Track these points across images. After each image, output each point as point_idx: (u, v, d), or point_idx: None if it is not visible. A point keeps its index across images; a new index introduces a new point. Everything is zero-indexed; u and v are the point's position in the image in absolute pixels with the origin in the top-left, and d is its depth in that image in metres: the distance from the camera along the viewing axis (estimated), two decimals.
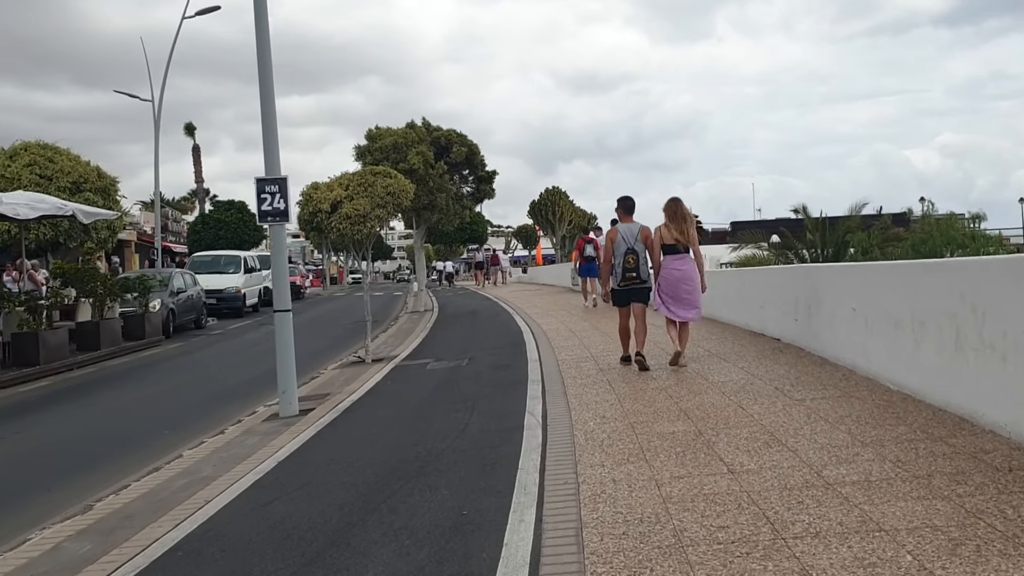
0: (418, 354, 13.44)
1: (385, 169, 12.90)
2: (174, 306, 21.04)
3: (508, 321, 18.18)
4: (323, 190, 12.35)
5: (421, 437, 6.99)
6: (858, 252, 19.04)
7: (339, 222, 12.21)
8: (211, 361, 16.24)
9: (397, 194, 12.48)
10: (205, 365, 15.65)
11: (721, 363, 9.38)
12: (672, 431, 6.28)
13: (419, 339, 16.09)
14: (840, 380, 7.75)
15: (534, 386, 8.93)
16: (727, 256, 33.74)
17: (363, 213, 12.17)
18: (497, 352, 12.64)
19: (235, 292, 26.93)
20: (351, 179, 12.49)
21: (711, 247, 51.21)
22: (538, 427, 6.88)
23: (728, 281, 14.06)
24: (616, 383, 8.64)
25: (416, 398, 9.20)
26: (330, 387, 10.75)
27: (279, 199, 8.81)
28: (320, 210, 12.25)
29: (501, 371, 10.49)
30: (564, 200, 53.71)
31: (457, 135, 25.78)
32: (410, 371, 11.44)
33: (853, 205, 21.03)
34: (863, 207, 20.98)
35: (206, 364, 15.81)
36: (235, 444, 7.66)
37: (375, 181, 12.43)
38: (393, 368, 11.82)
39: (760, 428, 6.15)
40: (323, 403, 9.29)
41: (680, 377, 8.68)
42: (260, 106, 8.93)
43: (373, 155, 24.68)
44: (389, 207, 12.47)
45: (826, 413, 6.45)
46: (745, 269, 12.89)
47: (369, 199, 12.26)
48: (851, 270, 8.58)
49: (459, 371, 10.93)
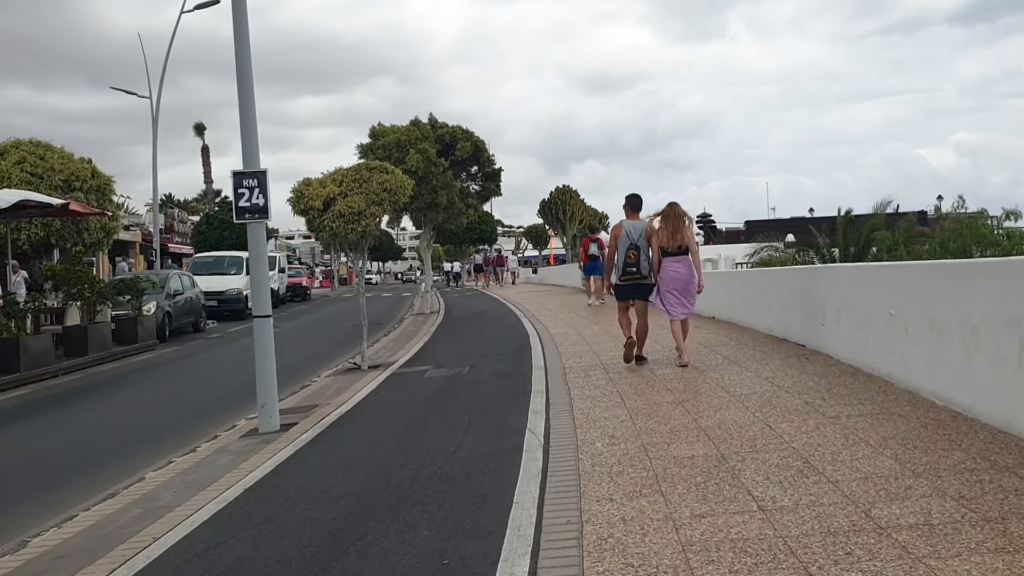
0: (418, 360, 12.68)
1: (382, 164, 12.14)
2: (171, 309, 20.36)
3: (515, 324, 17.42)
4: (315, 186, 11.61)
5: (408, 459, 6.23)
6: (882, 251, 18.19)
7: (332, 220, 11.47)
8: (203, 367, 15.54)
9: (394, 190, 11.72)
10: (196, 371, 14.94)
11: (742, 372, 8.58)
12: (691, 455, 5.50)
13: (421, 343, 15.33)
14: (877, 393, 6.95)
15: (537, 398, 8.16)
16: (744, 256, 32.85)
17: (357, 211, 11.42)
18: (501, 358, 11.87)
19: (236, 294, 26.24)
20: (345, 175, 11.74)
21: (725, 247, 50.09)
22: (539, 448, 6.11)
23: (747, 282, 13.25)
24: (628, 395, 7.86)
25: (408, 411, 8.44)
26: (319, 397, 10.00)
27: (258, 195, 8.08)
28: (312, 208, 11.51)
29: (503, 380, 9.72)
30: (575, 199, 52.84)
31: (463, 131, 25.00)
32: (406, 379, 10.68)
33: (878, 203, 20.18)
34: (887, 205, 20.11)
35: (197, 370, 15.11)
36: (204, 465, 6.92)
37: (371, 177, 11.68)
38: (389, 376, 11.07)
39: (792, 452, 5.36)
40: (308, 417, 8.55)
41: (698, 389, 7.89)
42: (237, 91, 8.20)
43: (376, 153, 23.92)
44: (385, 204, 11.71)
45: (866, 433, 5.65)
46: (766, 270, 12.09)
47: (364, 196, 11.51)
48: (886, 271, 7.78)
49: (458, 380, 10.16)
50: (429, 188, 23.67)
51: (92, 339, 15.57)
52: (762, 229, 68.39)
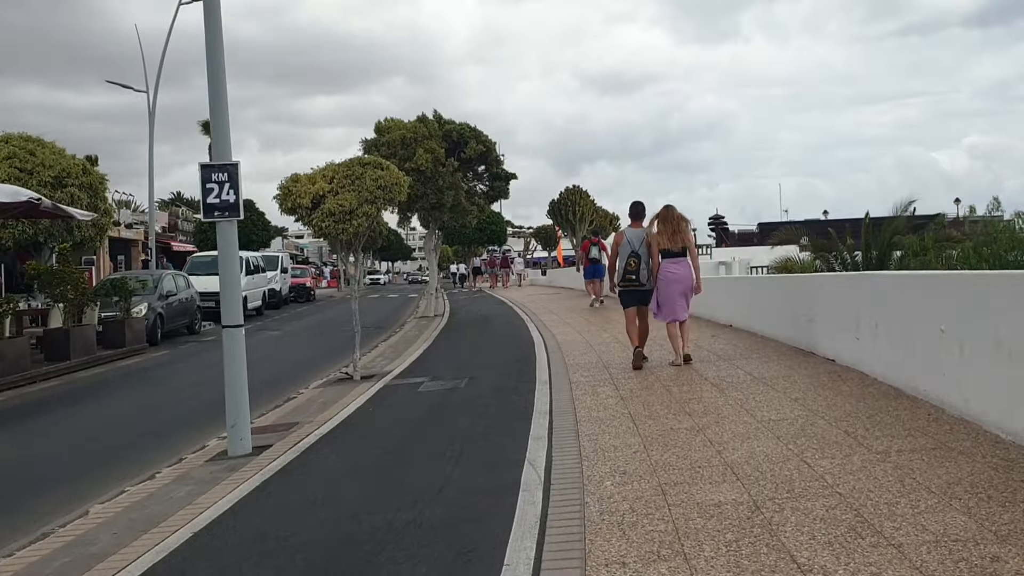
0: (414, 370, 11.83)
1: (376, 159, 11.29)
2: (163, 310, 19.57)
3: (520, 329, 16.55)
4: (304, 183, 10.76)
5: (385, 498, 5.37)
6: (908, 256, 17.22)
7: (321, 219, 10.63)
8: (189, 373, 14.72)
9: (389, 187, 10.87)
10: (180, 378, 14.12)
11: (769, 392, 7.69)
12: (718, 501, 4.62)
13: (420, 350, 14.48)
14: (927, 422, 6.04)
15: (540, 420, 7.29)
16: (761, 258, 31.87)
17: (348, 209, 10.57)
18: (503, 369, 11.01)
19: None
20: (336, 170, 10.89)
21: (738, 249, 49.13)
22: (539, 487, 5.24)
23: (768, 289, 12.34)
24: (641, 419, 6.98)
25: (394, 435, 7.57)
26: (303, 413, 9.16)
27: (229, 190, 7.24)
28: (300, 206, 10.67)
29: (504, 396, 8.86)
30: (585, 199, 51.81)
31: (471, 130, 24.07)
32: (399, 394, 9.82)
33: (898, 204, 19.12)
34: (908, 206, 19.06)
35: (182, 377, 14.28)
36: (158, 498, 6.07)
37: (364, 173, 10.83)
38: (381, 389, 10.22)
39: (839, 500, 4.47)
40: (285, 438, 7.70)
41: (720, 412, 7.00)
42: (207, 76, 7.35)
43: (381, 149, 23.03)
44: (380, 202, 10.86)
45: (924, 476, 4.76)
46: (791, 276, 11.17)
47: (356, 193, 10.66)
48: (939, 281, 6.88)
49: (455, 395, 9.30)
50: (435, 188, 22.78)
51: (75, 343, 14.78)
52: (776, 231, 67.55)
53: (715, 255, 40.71)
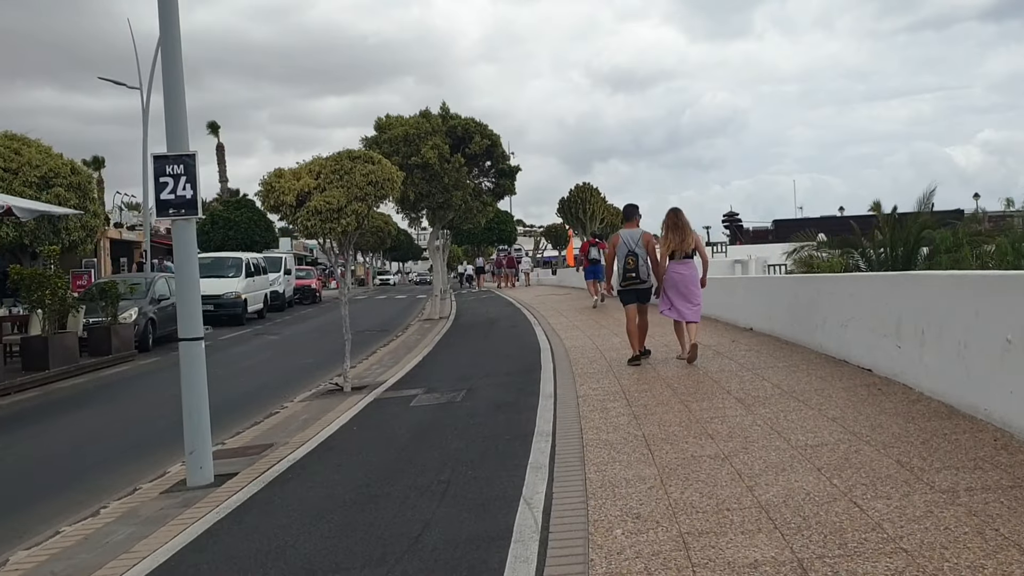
0: (409, 381, 10.95)
1: (367, 153, 10.40)
2: (155, 315, 18.75)
3: (526, 333, 15.65)
4: (288, 178, 9.90)
5: (350, 551, 4.49)
6: (938, 252, 16.26)
7: (307, 218, 9.76)
8: (174, 384, 13.81)
9: (380, 183, 9.99)
10: (163, 390, 13.22)
11: (802, 410, 6.77)
12: (754, 560, 3.71)
13: (419, 356, 13.61)
14: (995, 450, 5.11)
15: (541, 444, 6.40)
16: (779, 256, 30.82)
17: (336, 207, 9.70)
18: (505, 379, 10.12)
19: (234, 298, 24.66)
20: (323, 165, 10.03)
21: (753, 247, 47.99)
22: (534, 536, 4.35)
23: (791, 290, 11.39)
24: (656, 443, 6.08)
25: (375, 462, 6.67)
26: (281, 432, 8.29)
27: (185, 184, 6.37)
28: (283, 203, 9.81)
29: (503, 413, 7.97)
30: (596, 197, 50.84)
31: (476, 124, 23.14)
32: (388, 409, 8.94)
33: (922, 198, 18.08)
34: (931, 196, 17.99)
35: (167, 388, 13.35)
36: (92, 543, 5.21)
37: (353, 168, 9.95)
38: (370, 403, 9.34)
39: (906, 560, 3.56)
40: (254, 464, 6.84)
41: (748, 435, 6.08)
42: (160, 53, 6.47)
43: (382, 147, 22.17)
44: (370, 199, 9.98)
45: (1009, 527, 3.85)
46: (818, 276, 10.20)
47: (344, 190, 9.79)
48: (1007, 282, 5.93)
49: (449, 411, 8.41)
50: (441, 187, 21.90)
51: (55, 351, 13.97)
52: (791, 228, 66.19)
53: (730, 253, 39.64)
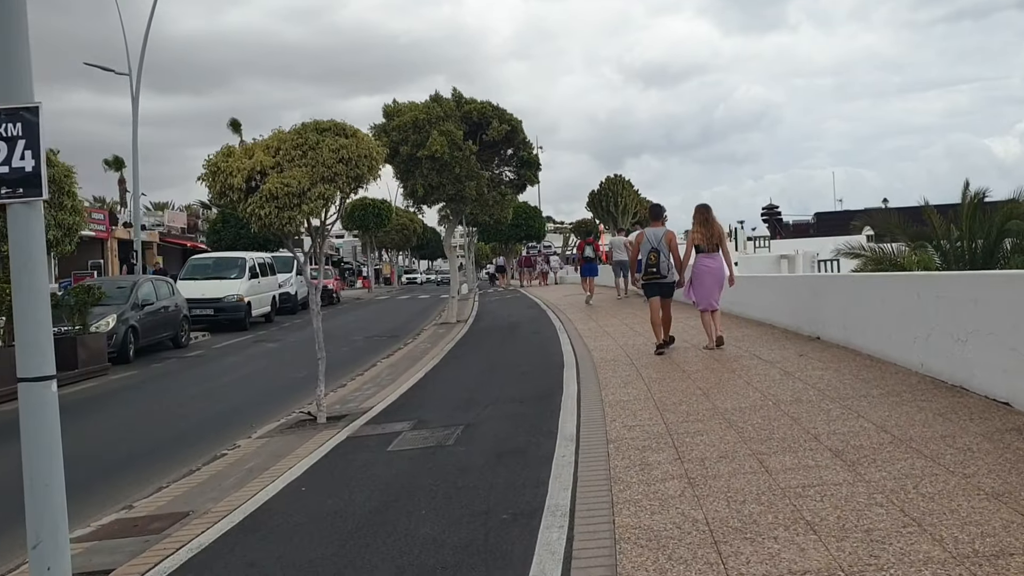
0: (399, 409, 8.86)
1: (338, 124, 8.25)
2: (137, 323, 16.83)
3: (549, 342, 13.49)
4: (238, 157, 7.85)
5: None
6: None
7: (259, 206, 7.69)
8: (140, 404, 11.90)
9: (355, 161, 7.89)
10: (123, 415, 11.24)
11: (933, 471, 4.57)
12: None
13: (421, 373, 11.51)
14: None
15: (553, 536, 4.26)
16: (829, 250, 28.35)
17: (296, 191, 7.62)
18: (516, 409, 8.01)
19: (236, 301, 22.74)
20: (283, 140, 7.95)
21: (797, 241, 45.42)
22: None
23: (876, 293, 9.13)
24: (731, 537, 3.91)
25: (300, 564, 4.53)
26: (209, 491, 6.23)
27: (24, 151, 4.28)
28: (231, 187, 7.74)
29: (505, 468, 5.84)
30: (628, 190, 48.23)
31: (493, 109, 20.99)
32: (358, 456, 6.83)
33: (1020, 188, 15.64)
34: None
35: (128, 412, 11.43)
36: None
37: (320, 142, 7.86)
38: (339, 445, 7.25)
39: None
40: (143, 553, 4.76)
41: (870, 525, 3.89)
42: None
43: (391, 135, 20.15)
44: (341, 180, 7.88)
45: None
46: (920, 275, 7.95)
47: (308, 169, 7.71)
48: None
49: (435, 462, 6.29)
50: (453, 177, 19.80)
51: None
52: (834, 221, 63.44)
53: (773, 248, 37.13)
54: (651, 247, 10.20)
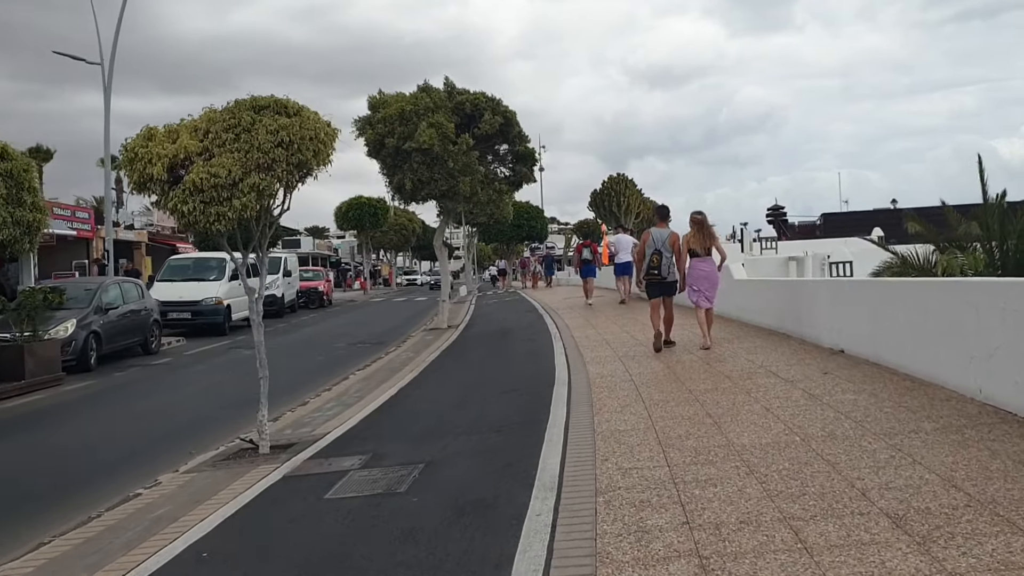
0: (356, 437, 7.58)
1: (280, 101, 6.97)
2: (99, 328, 15.57)
3: (542, 353, 12.20)
4: (160, 141, 6.57)
5: None
6: None
7: (182, 200, 6.42)
8: (80, 422, 10.61)
9: (298, 145, 6.61)
10: (54, 435, 9.95)
11: (1011, 538, 3.29)
12: None
13: (394, 390, 10.23)
14: None
15: None
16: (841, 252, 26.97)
17: (226, 182, 6.35)
18: (491, 443, 6.74)
19: (215, 304, 21.48)
20: (213, 119, 6.67)
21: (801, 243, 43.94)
22: None
23: (916, 300, 7.82)
24: None
25: None
26: (92, 552, 4.96)
27: None
28: (149, 177, 6.47)
29: (463, 529, 4.56)
30: (631, 189, 46.80)
31: (487, 99, 19.67)
32: (289, 505, 5.56)
33: None
34: None
35: (60, 432, 10.14)
36: None
37: (256, 123, 6.59)
38: (267, 491, 5.97)
39: None
40: None
41: None
42: None
43: (376, 128, 18.89)
44: (281, 169, 6.60)
45: None
46: (986, 282, 6.68)
47: (240, 156, 6.44)
48: None
49: (379, 517, 5.01)
50: (446, 172, 18.50)
51: None
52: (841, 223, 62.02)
53: (780, 249, 35.74)
54: (655, 248, 10.53)
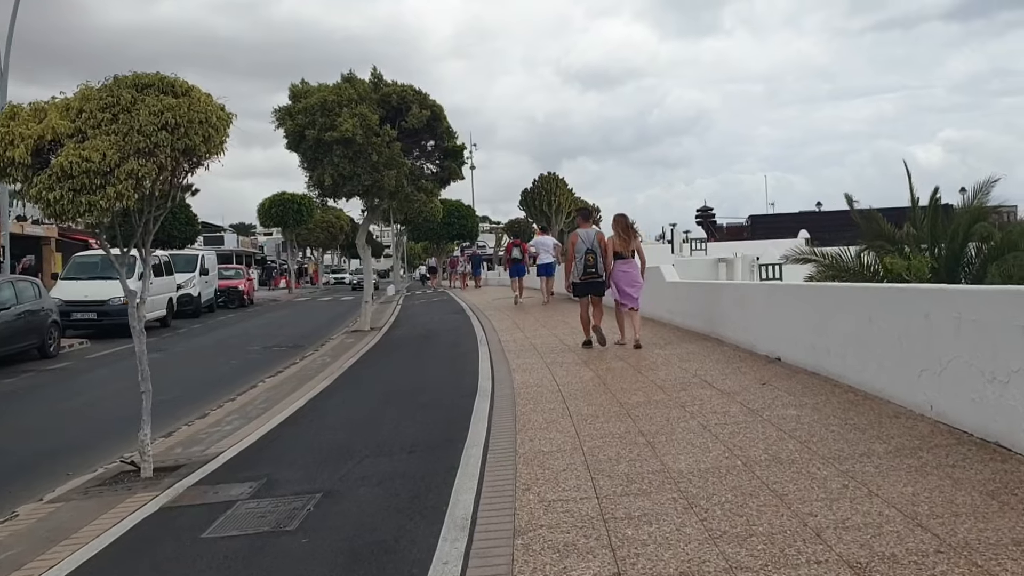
0: (254, 457, 6.82)
1: (167, 78, 6.16)
2: None
3: (466, 358, 11.54)
4: (25, 119, 5.72)
5: None
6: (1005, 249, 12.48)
7: (47, 186, 5.57)
8: None
9: (184, 128, 5.81)
10: None
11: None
12: None
13: (302, 402, 9.42)
14: None
15: None
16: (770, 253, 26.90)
17: (101, 167, 5.53)
18: (401, 466, 6.05)
19: (122, 304, 20.19)
20: (89, 97, 5.84)
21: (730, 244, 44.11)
22: None
23: (864, 308, 7.37)
24: None
25: None
26: None
27: None
28: (11, 161, 5.60)
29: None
30: (562, 188, 46.46)
31: (415, 92, 18.91)
32: (158, 548, 4.78)
33: (978, 186, 14.11)
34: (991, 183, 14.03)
35: None
36: None
37: (137, 102, 5.78)
38: (137, 527, 5.19)
39: None
40: None
41: None
42: None
43: (296, 119, 17.97)
44: (165, 155, 5.80)
45: None
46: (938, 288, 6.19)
47: (118, 138, 5.62)
48: None
49: (258, 566, 4.28)
50: (369, 166, 17.67)
51: None
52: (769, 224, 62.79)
53: (710, 250, 35.73)
54: (587, 248, 10.63)
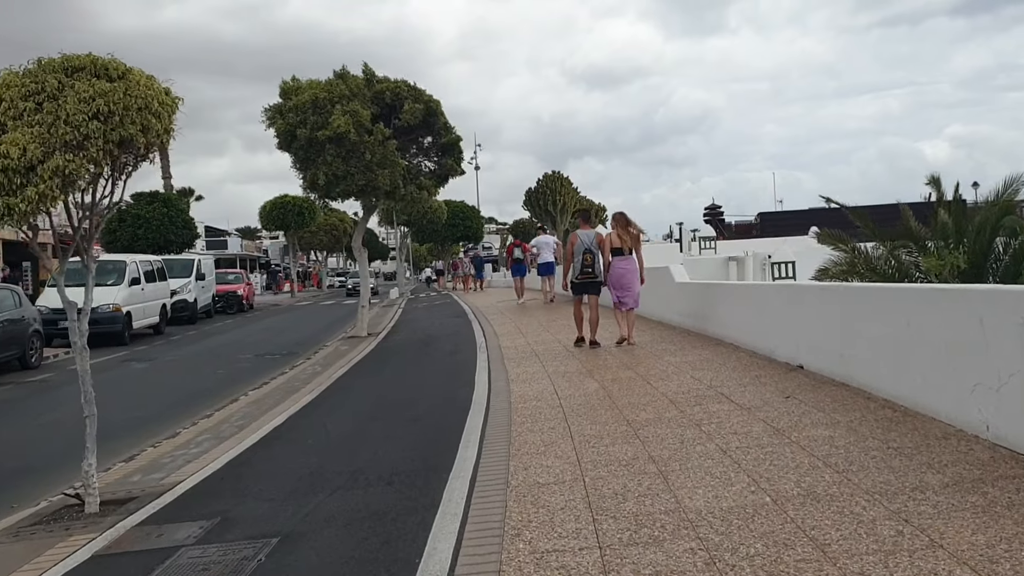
0: (212, 489, 6.06)
1: (101, 60, 5.39)
2: None
3: (463, 367, 10.79)
4: None
5: None
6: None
7: None
8: None
9: (120, 117, 5.06)
10: None
11: None
12: None
13: (281, 418, 8.66)
14: None
15: None
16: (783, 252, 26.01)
17: (20, 164, 4.78)
18: (376, 501, 5.28)
19: (112, 311, 19.55)
20: (10, 83, 5.09)
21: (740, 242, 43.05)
22: None
23: (902, 309, 6.57)
24: None
25: None
26: None
27: None
28: None
29: None
30: (567, 187, 45.57)
31: (409, 88, 18.14)
32: None
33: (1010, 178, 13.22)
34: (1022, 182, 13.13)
35: None
36: None
37: (65, 89, 5.03)
38: (76, 570, 4.44)
39: None
40: None
41: None
42: None
43: (287, 117, 17.25)
44: (95, 147, 5.03)
45: None
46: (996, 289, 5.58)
47: (43, 130, 4.87)
48: None
49: None
50: (363, 165, 16.93)
51: None
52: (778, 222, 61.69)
53: (720, 249, 34.85)
54: (585, 248, 10.86)
